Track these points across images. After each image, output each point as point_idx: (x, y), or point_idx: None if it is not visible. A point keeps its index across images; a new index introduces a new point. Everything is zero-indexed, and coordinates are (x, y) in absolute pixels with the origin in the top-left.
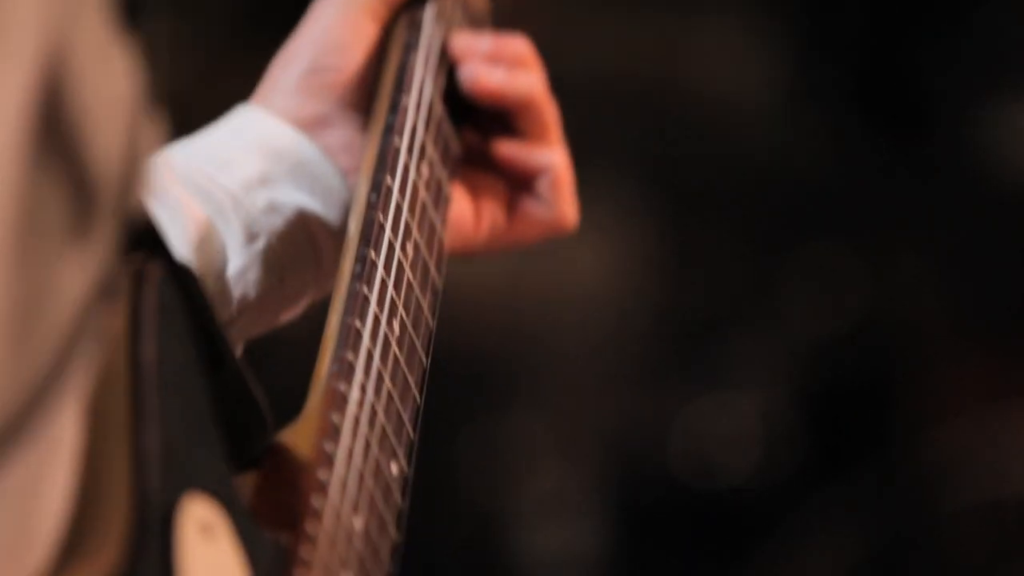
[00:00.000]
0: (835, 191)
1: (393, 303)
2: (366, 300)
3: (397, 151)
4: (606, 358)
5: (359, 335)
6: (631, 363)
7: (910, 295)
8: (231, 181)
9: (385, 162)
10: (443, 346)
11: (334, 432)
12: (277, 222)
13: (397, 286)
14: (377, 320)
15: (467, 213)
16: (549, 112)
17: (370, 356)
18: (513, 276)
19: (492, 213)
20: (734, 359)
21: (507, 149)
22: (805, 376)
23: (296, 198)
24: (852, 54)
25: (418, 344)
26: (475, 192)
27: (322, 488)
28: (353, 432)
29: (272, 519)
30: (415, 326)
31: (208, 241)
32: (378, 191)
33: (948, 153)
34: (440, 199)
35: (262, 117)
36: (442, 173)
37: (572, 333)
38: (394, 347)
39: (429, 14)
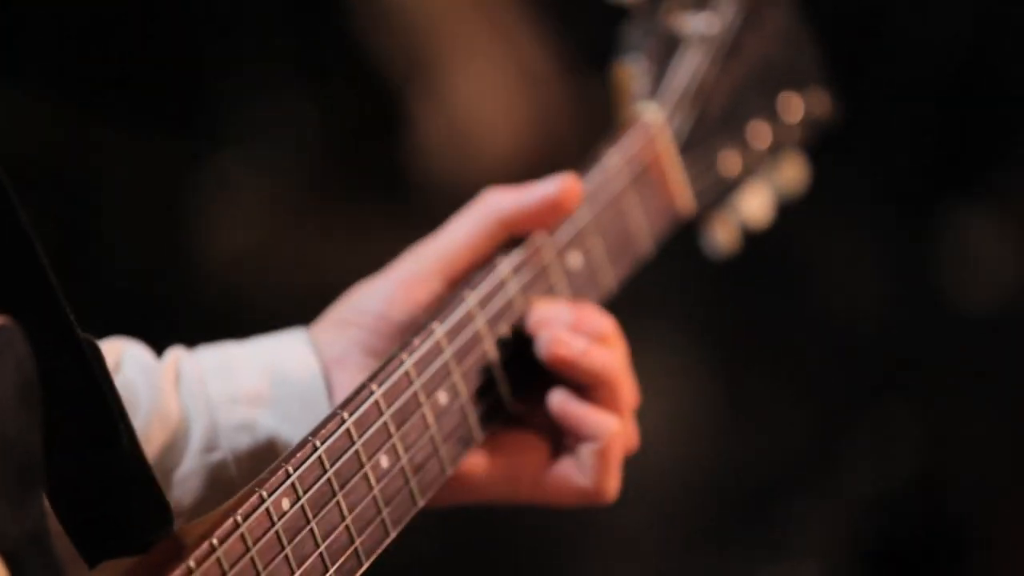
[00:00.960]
0: (893, 349)
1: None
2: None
3: (400, 364)
4: (664, 521)
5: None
6: (689, 527)
7: (971, 453)
8: (220, 390)
9: (381, 371)
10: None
11: (223, 535)
12: (244, 441)
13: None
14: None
15: (498, 466)
16: (624, 390)
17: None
18: None
19: (528, 472)
20: (794, 522)
21: (566, 405)
22: (867, 538)
23: (276, 426)
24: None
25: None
26: (517, 447)
27: None
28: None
29: None
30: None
31: (174, 433)
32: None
33: (1005, 312)
34: (457, 437)
35: (301, 341)
36: (472, 413)
37: (629, 495)
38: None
39: (506, 266)
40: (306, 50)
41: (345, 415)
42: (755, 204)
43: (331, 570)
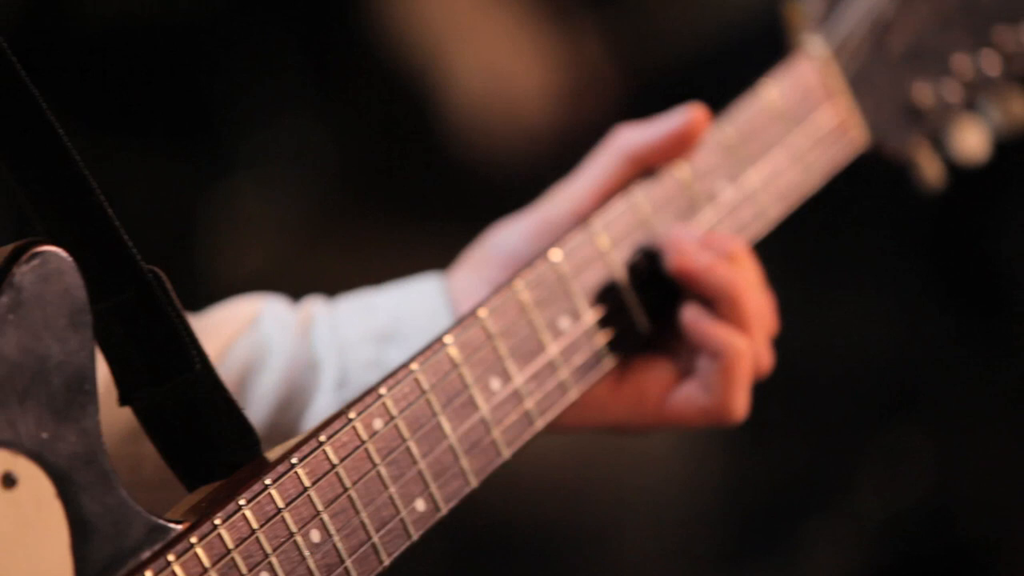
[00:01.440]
0: (902, 373)
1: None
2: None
3: (511, 290)
4: (677, 543)
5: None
6: (701, 549)
7: (981, 476)
8: (352, 331)
9: (491, 297)
10: (512, 517)
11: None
12: (374, 377)
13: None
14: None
15: (624, 388)
16: (752, 306)
17: None
18: (584, 452)
19: (654, 392)
20: (806, 545)
21: (694, 319)
22: (878, 560)
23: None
24: (923, 241)
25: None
26: (644, 368)
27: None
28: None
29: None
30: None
31: (304, 374)
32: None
33: (1013, 335)
34: (580, 363)
35: (432, 282)
36: (597, 336)
37: (642, 511)
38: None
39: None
40: (315, 75)
41: (448, 339)
42: (969, 140)
43: (432, 486)
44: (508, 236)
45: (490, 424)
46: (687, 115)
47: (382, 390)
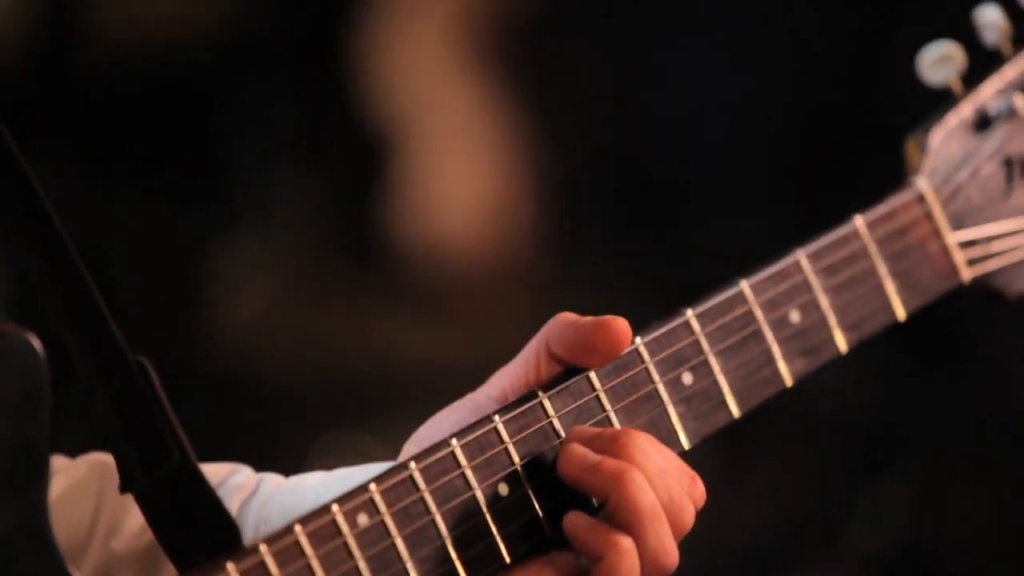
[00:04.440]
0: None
1: None
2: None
3: (406, 470)
4: None
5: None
6: None
7: (963, 520)
8: (279, 504)
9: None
10: None
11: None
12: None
13: None
14: None
15: None
16: (642, 505)
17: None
18: None
19: None
20: None
21: (572, 522)
22: None
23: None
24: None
25: None
26: (541, 568)
27: None
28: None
29: None
30: None
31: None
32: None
33: (990, 390)
34: (477, 555)
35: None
36: (496, 534)
37: None
38: None
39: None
40: (305, 139)
41: (339, 514)
42: None
43: None
44: (441, 424)
45: None
46: (613, 326)
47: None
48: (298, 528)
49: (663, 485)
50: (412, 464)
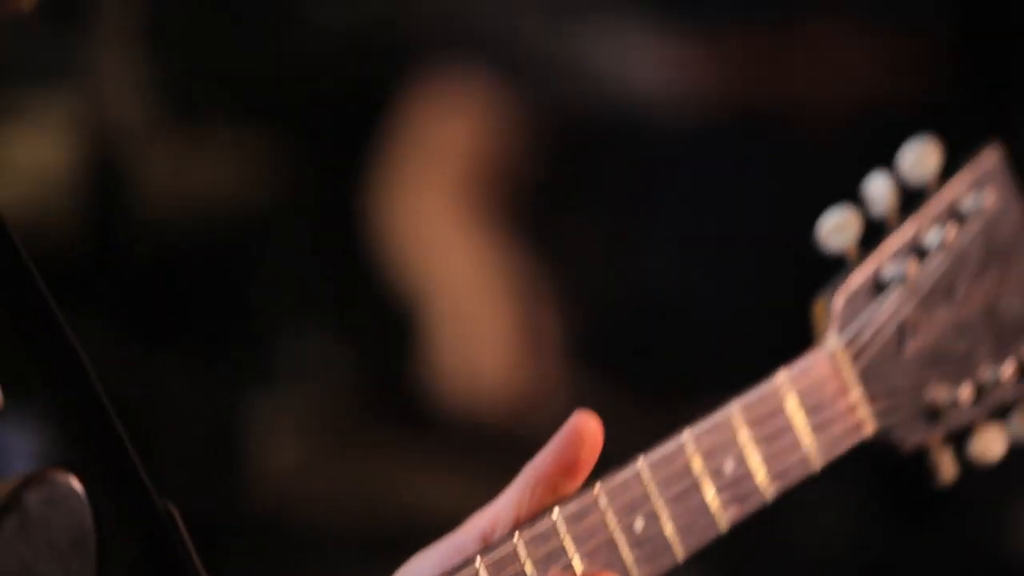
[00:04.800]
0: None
1: None
2: None
3: None
4: None
5: None
6: None
7: None
8: None
9: None
10: None
11: None
12: None
13: None
14: None
15: None
16: None
17: None
18: None
19: None
20: None
21: None
22: None
23: None
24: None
25: None
26: None
27: None
28: None
29: None
30: None
31: None
32: None
33: (971, 538)
34: None
35: None
36: None
37: None
38: None
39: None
40: (336, 299)
41: None
42: (987, 445)
43: None
44: (421, 565)
45: None
46: (574, 422)
47: None
48: None
49: None
50: None
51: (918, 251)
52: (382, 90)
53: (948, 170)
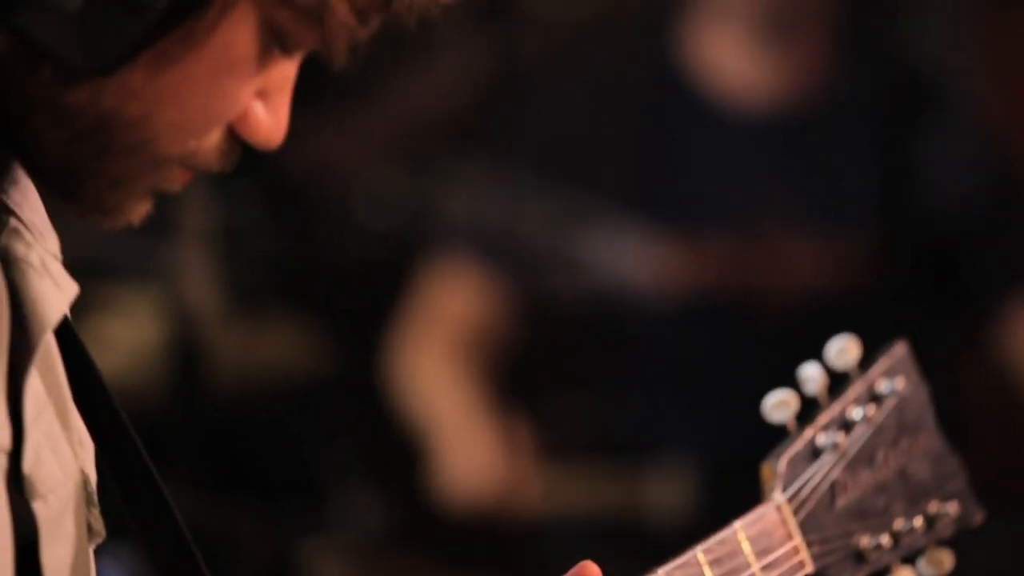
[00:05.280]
0: None
1: None
2: None
3: None
4: None
5: None
6: None
7: None
8: None
9: None
10: None
11: None
12: None
13: None
14: None
15: None
16: None
17: None
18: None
19: None
20: None
21: None
22: None
23: None
24: None
25: None
26: None
27: None
28: None
29: None
30: None
31: None
32: None
33: None
34: None
35: None
36: None
37: None
38: None
39: None
40: (370, 457)
41: None
42: None
43: None
44: None
45: None
46: (579, 569)
47: None
48: None
49: None
50: None
51: (845, 424)
52: (403, 275)
53: (867, 357)
